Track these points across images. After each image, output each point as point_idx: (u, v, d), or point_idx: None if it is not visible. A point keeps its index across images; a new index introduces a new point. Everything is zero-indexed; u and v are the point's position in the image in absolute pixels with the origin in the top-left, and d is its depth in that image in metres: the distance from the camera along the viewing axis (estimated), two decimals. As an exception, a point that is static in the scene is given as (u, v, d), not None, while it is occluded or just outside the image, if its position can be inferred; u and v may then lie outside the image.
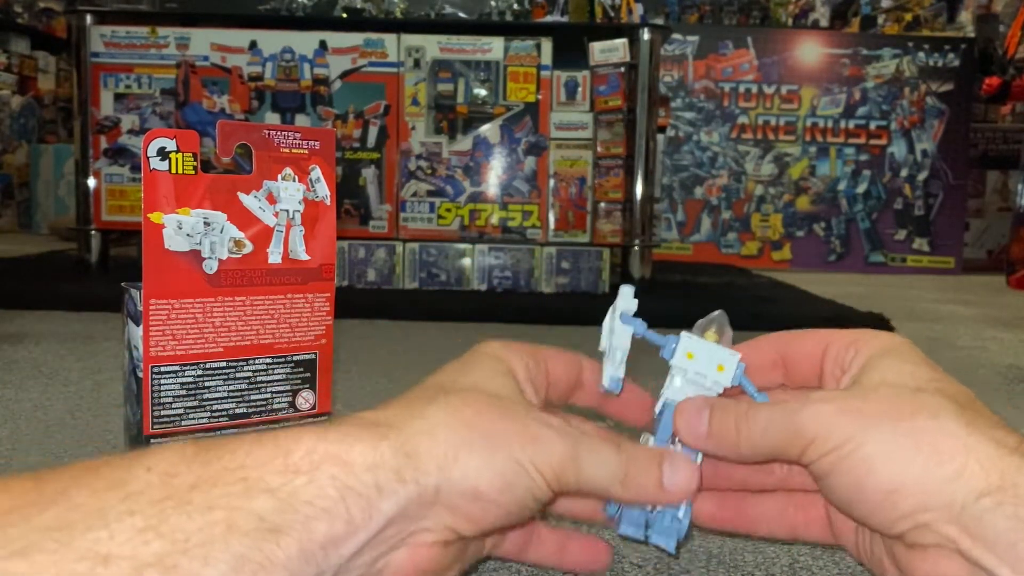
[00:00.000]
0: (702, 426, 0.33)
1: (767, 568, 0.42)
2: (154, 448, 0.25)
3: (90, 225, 1.62)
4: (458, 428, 0.29)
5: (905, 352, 0.32)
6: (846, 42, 2.93)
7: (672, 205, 2.92)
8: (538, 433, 0.30)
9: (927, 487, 0.27)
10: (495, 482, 0.28)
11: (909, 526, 0.28)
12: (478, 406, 0.30)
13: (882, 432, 0.28)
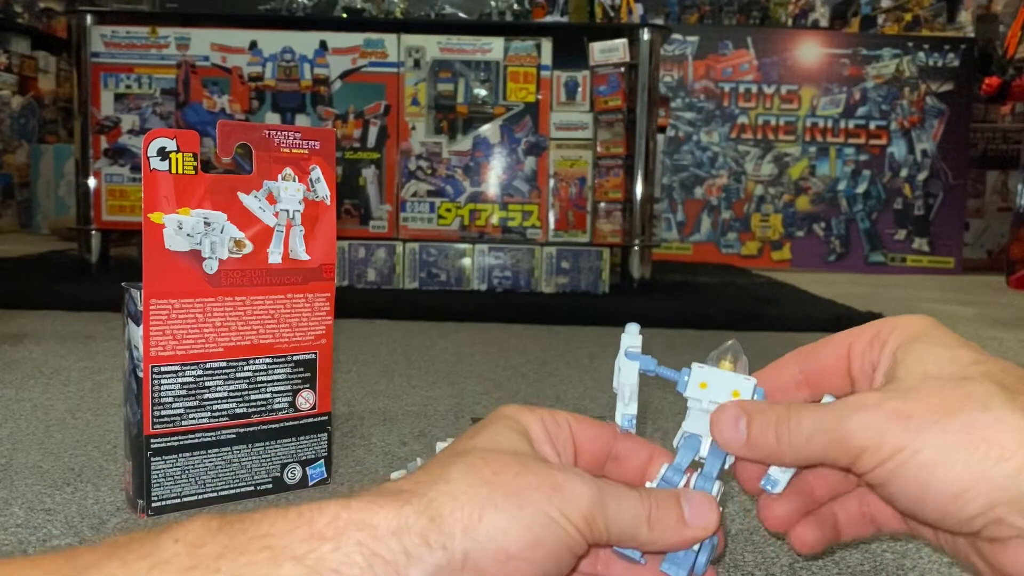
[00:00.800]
0: (739, 434, 0.33)
1: (767, 568, 0.42)
2: (180, 521, 0.26)
3: (90, 225, 1.62)
4: (479, 487, 0.28)
5: (935, 334, 0.31)
6: (846, 42, 2.93)
7: (672, 205, 2.91)
8: (562, 482, 0.29)
9: (992, 484, 0.27)
10: (525, 538, 0.28)
11: (982, 524, 0.28)
12: (496, 464, 0.29)
13: (936, 434, 0.28)
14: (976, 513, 0.28)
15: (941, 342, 0.31)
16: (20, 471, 0.54)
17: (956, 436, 0.27)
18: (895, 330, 0.32)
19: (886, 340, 0.32)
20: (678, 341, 1.14)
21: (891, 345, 0.32)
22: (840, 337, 0.34)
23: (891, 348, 0.32)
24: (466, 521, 0.27)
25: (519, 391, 0.82)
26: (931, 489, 0.28)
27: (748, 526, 0.47)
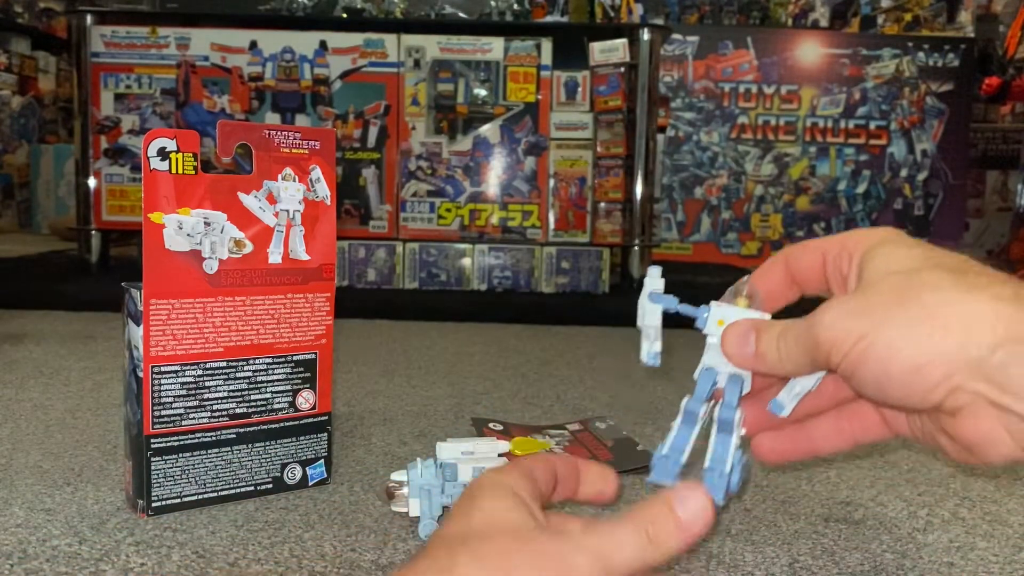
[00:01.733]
0: (749, 347, 0.36)
1: (767, 568, 0.42)
2: None
3: (90, 225, 1.62)
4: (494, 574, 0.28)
5: (895, 238, 0.34)
6: (846, 42, 2.93)
7: (672, 205, 2.91)
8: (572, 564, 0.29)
9: (946, 355, 0.30)
10: None
11: (944, 393, 0.30)
12: (501, 545, 0.29)
13: (892, 318, 0.31)
14: (935, 383, 0.30)
15: (901, 244, 0.34)
16: (20, 471, 0.54)
17: (910, 318, 0.30)
18: (861, 240, 0.35)
19: (853, 250, 0.35)
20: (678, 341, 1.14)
21: (859, 254, 0.35)
22: (815, 244, 0.38)
23: (858, 256, 0.35)
24: None
25: (519, 391, 0.82)
26: (893, 368, 0.31)
27: (748, 526, 0.47)
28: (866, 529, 0.47)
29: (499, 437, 0.60)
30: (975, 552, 0.45)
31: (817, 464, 0.59)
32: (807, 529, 0.47)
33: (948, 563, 0.43)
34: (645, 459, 0.57)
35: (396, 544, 0.43)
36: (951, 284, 0.31)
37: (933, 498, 0.53)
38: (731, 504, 0.51)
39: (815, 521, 0.48)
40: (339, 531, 0.45)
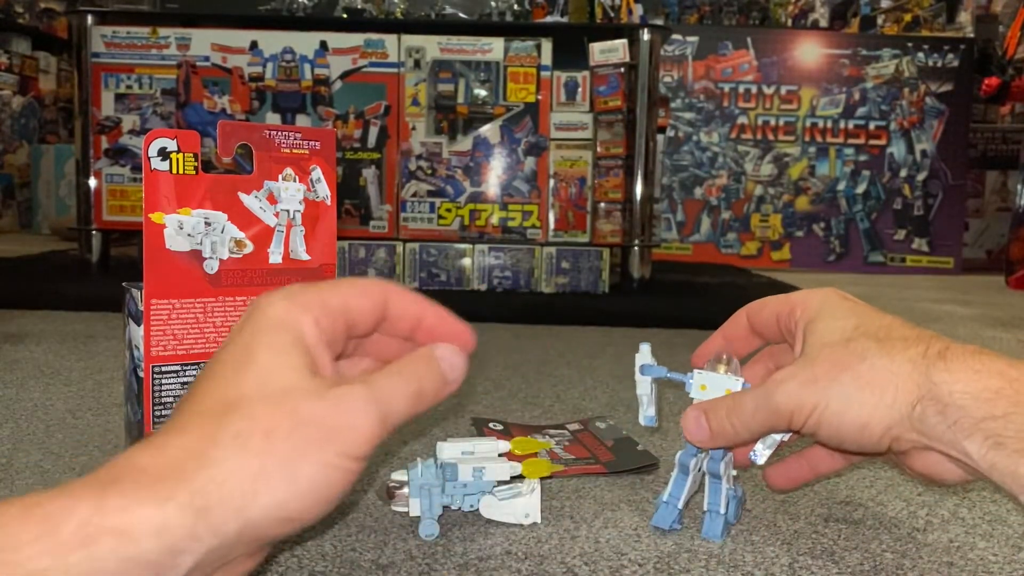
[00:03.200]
0: (703, 430, 0.42)
1: (767, 568, 0.42)
2: None
3: (91, 225, 1.62)
4: (250, 462, 0.26)
5: (832, 308, 0.41)
6: (845, 42, 2.93)
7: (672, 205, 2.91)
8: (337, 421, 0.28)
9: (882, 415, 0.37)
10: (304, 502, 0.27)
11: (888, 442, 0.37)
12: (266, 422, 0.27)
13: (835, 388, 0.37)
14: (879, 436, 0.37)
15: (836, 315, 0.40)
16: (21, 471, 0.55)
17: (849, 386, 0.37)
18: (805, 307, 0.42)
19: (798, 317, 0.42)
20: (678, 341, 1.14)
21: (802, 321, 0.41)
22: (772, 304, 0.44)
23: (802, 323, 0.41)
24: (239, 503, 0.26)
25: (519, 391, 0.82)
26: (844, 428, 0.37)
27: (748, 526, 0.47)
28: (866, 529, 0.47)
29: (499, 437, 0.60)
30: (975, 552, 0.45)
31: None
32: (807, 529, 0.47)
33: (948, 563, 0.43)
34: (645, 459, 0.57)
35: (396, 544, 0.43)
36: (875, 352, 0.37)
37: (933, 498, 0.53)
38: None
39: (815, 521, 0.48)
40: (339, 531, 0.45)
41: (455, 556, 0.42)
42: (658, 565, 0.42)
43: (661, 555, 0.43)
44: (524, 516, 0.46)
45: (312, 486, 0.28)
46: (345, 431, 0.29)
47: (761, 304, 0.45)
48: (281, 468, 0.27)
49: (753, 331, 0.46)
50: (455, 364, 0.35)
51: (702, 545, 0.44)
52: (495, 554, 0.42)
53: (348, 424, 0.29)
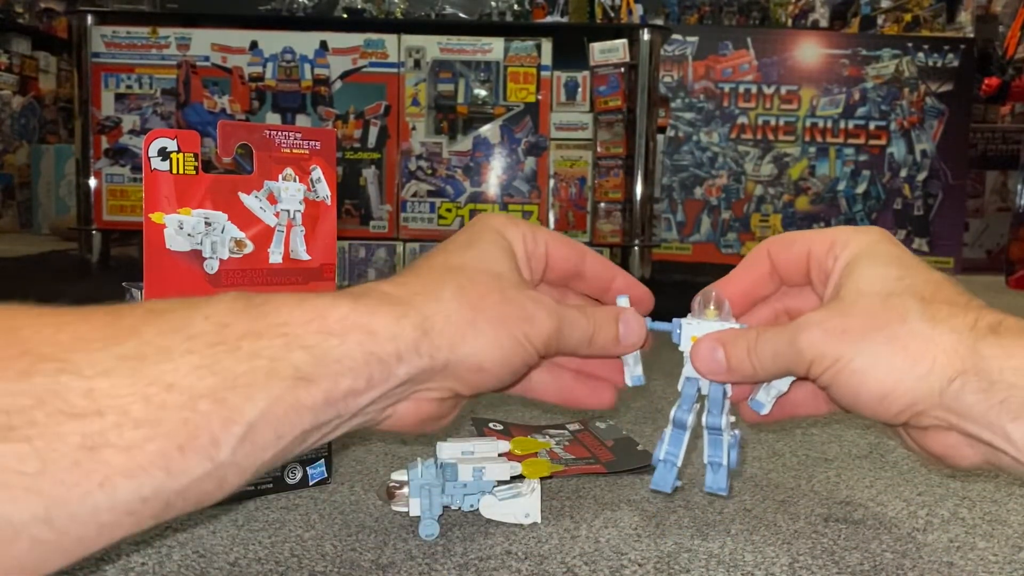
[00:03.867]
0: (719, 363, 0.38)
1: (767, 568, 0.42)
2: (209, 298, 0.30)
3: (91, 225, 1.62)
4: (466, 311, 0.33)
5: (877, 251, 0.37)
6: (845, 42, 2.93)
7: (672, 205, 2.91)
8: (533, 313, 0.35)
9: (909, 386, 0.33)
10: (496, 357, 0.34)
11: (908, 418, 0.34)
12: (482, 288, 0.34)
13: (864, 346, 0.34)
14: (900, 410, 0.34)
15: (880, 260, 0.36)
16: (21, 471, 0.54)
17: (880, 347, 0.33)
18: (847, 246, 0.37)
19: (838, 254, 0.37)
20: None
21: (841, 260, 0.37)
22: (803, 238, 0.40)
23: (841, 263, 0.37)
24: (452, 339, 0.33)
25: (519, 391, 0.82)
26: (862, 393, 0.34)
27: (748, 526, 0.47)
28: (866, 529, 0.47)
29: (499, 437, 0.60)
30: (975, 552, 0.45)
31: (817, 464, 0.59)
32: (807, 529, 0.47)
33: (948, 563, 0.43)
34: (646, 459, 0.57)
35: (396, 544, 0.43)
36: (918, 314, 0.33)
37: (933, 498, 0.53)
38: (732, 492, 0.51)
39: (815, 521, 0.48)
40: (339, 531, 0.45)
41: (455, 556, 0.42)
42: (658, 565, 0.42)
43: (661, 555, 0.43)
44: (524, 516, 0.46)
45: (504, 351, 0.34)
46: (535, 321, 0.35)
47: (789, 239, 0.40)
48: (488, 326, 0.34)
49: (773, 271, 0.41)
50: (632, 329, 0.39)
51: (702, 545, 0.44)
52: (495, 554, 0.42)
53: (537, 317, 0.35)
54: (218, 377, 0.27)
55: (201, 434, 0.26)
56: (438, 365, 0.33)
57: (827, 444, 0.64)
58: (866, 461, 0.60)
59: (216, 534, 0.45)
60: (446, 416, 0.37)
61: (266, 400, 0.28)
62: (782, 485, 0.54)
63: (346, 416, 0.31)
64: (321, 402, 0.29)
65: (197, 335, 0.28)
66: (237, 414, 0.27)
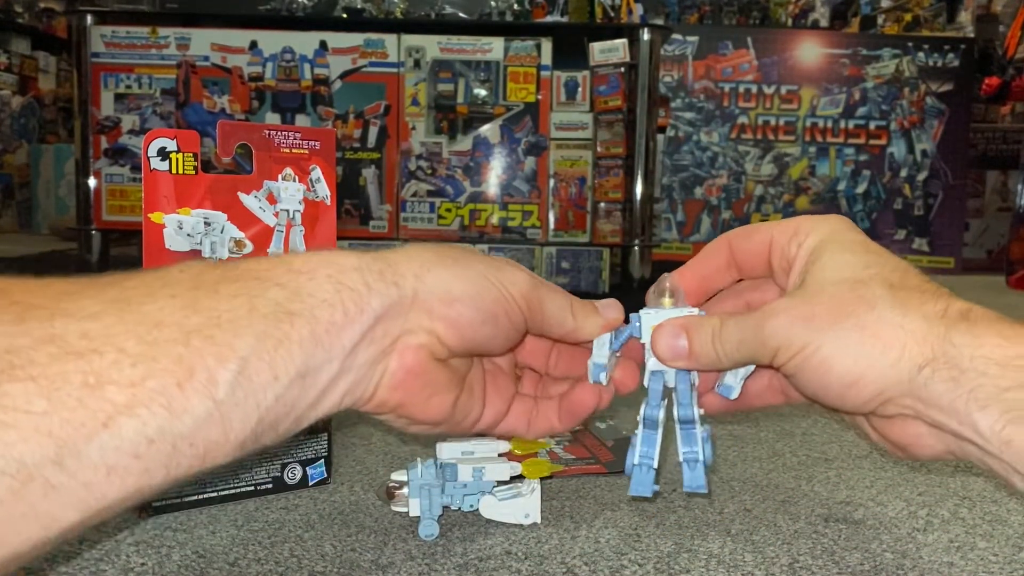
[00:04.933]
0: (681, 348, 0.37)
1: (767, 568, 0.42)
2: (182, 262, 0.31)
3: (91, 225, 1.62)
4: (429, 252, 0.34)
5: (841, 239, 0.35)
6: (846, 42, 2.93)
7: (672, 205, 2.91)
8: (502, 265, 0.36)
9: (878, 373, 0.32)
10: (467, 289, 0.34)
11: (875, 406, 0.33)
12: (445, 248, 0.35)
13: (832, 333, 0.33)
14: (868, 398, 0.33)
15: (846, 247, 0.35)
16: (20, 471, 0.54)
17: (849, 334, 0.32)
18: (810, 234, 0.36)
19: (802, 242, 0.36)
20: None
21: (805, 248, 0.36)
22: (764, 228, 0.39)
23: (805, 251, 0.36)
24: (416, 270, 0.33)
25: (519, 391, 0.81)
26: (829, 381, 0.33)
27: (748, 526, 0.47)
28: (866, 529, 0.47)
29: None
30: (975, 552, 0.45)
31: (817, 464, 0.59)
32: (807, 529, 0.47)
33: (948, 563, 0.43)
34: (645, 459, 0.57)
35: (396, 544, 0.43)
36: (887, 302, 0.32)
37: (933, 498, 0.53)
38: (729, 500, 0.51)
39: (815, 521, 0.48)
40: (339, 531, 0.45)
41: (455, 556, 0.42)
42: (658, 565, 0.42)
43: (661, 555, 0.43)
44: (524, 516, 0.46)
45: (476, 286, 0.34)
46: (505, 270, 0.35)
47: (750, 230, 0.39)
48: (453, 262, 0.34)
49: (733, 262, 0.40)
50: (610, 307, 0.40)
51: (702, 545, 0.44)
52: (495, 554, 0.42)
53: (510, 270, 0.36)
54: (202, 315, 0.27)
55: (197, 371, 0.26)
56: (407, 296, 0.32)
57: (827, 444, 0.64)
58: (866, 461, 0.60)
59: (216, 534, 0.45)
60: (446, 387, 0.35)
61: (253, 335, 0.28)
62: (782, 485, 0.54)
63: (336, 361, 0.30)
64: (307, 336, 0.29)
65: (175, 282, 0.29)
66: (228, 350, 0.27)
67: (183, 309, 0.27)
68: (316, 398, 0.30)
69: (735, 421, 0.69)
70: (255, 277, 0.30)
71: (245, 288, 0.29)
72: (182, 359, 0.26)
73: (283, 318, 0.29)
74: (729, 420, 0.70)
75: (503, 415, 0.40)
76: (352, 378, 0.32)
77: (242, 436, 0.28)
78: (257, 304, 0.28)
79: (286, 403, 0.29)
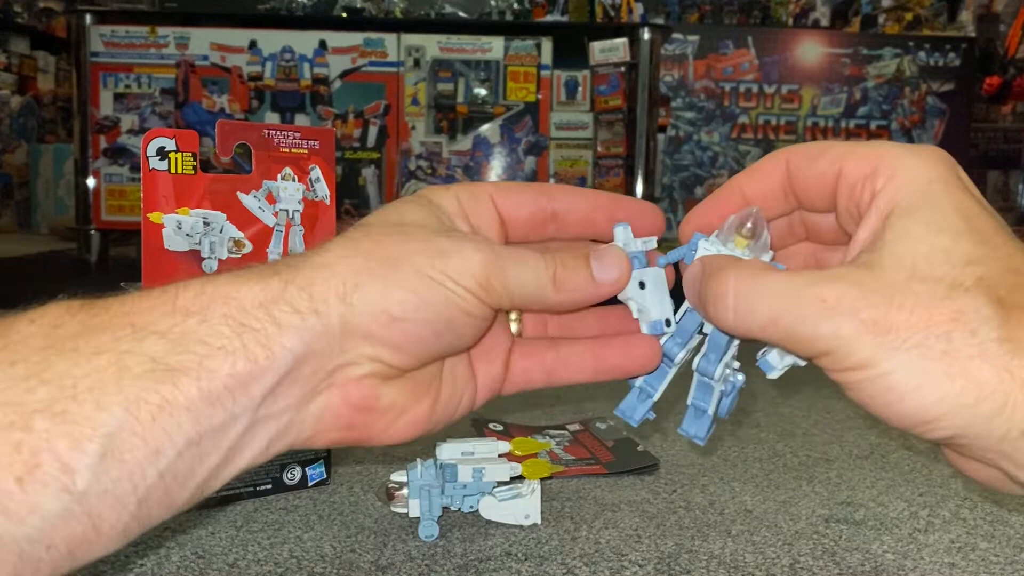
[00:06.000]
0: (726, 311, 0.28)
1: (767, 568, 0.42)
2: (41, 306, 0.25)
3: (90, 225, 1.62)
4: (355, 258, 0.27)
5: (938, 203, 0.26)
6: (846, 42, 2.93)
7: (672, 205, 2.91)
8: (448, 247, 0.28)
9: (964, 422, 0.24)
10: (406, 300, 0.27)
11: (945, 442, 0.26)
12: (378, 236, 0.28)
13: (911, 358, 0.24)
14: (942, 438, 0.26)
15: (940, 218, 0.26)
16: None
17: (933, 365, 0.24)
18: (893, 178, 0.27)
19: (880, 191, 0.27)
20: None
21: (883, 201, 0.27)
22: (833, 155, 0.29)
23: (883, 205, 0.27)
24: (339, 289, 0.26)
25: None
26: (897, 408, 0.25)
27: (748, 527, 0.47)
28: (867, 530, 0.47)
29: (499, 437, 0.60)
30: (976, 552, 0.44)
31: (818, 464, 0.59)
32: (808, 529, 0.47)
33: (949, 563, 0.43)
34: (646, 460, 0.57)
35: (396, 545, 0.43)
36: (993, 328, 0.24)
37: (934, 498, 0.53)
38: (730, 500, 0.51)
39: (816, 521, 0.48)
40: (339, 532, 0.45)
41: (455, 557, 0.42)
42: (658, 566, 0.41)
43: (662, 556, 0.43)
44: (524, 517, 0.46)
45: (417, 293, 0.27)
46: (451, 255, 0.27)
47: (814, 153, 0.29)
48: (383, 266, 0.27)
49: (791, 189, 0.30)
50: (609, 262, 0.30)
51: (703, 546, 0.44)
52: (495, 555, 0.42)
53: (456, 250, 0.28)
54: (51, 386, 0.22)
55: (44, 460, 0.21)
56: (333, 324, 0.26)
57: (828, 445, 0.64)
58: (867, 462, 0.60)
59: (215, 535, 0.45)
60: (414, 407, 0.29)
61: (122, 403, 0.22)
62: (783, 486, 0.54)
63: (245, 416, 0.25)
64: (197, 397, 0.23)
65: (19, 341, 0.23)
66: (87, 427, 0.22)
67: (25, 380, 0.22)
68: (223, 459, 0.25)
69: (736, 422, 0.69)
70: (128, 324, 0.24)
71: (113, 340, 0.23)
72: (21, 447, 0.21)
73: (163, 377, 0.23)
74: (729, 421, 0.70)
75: (502, 377, 0.32)
76: (275, 426, 0.26)
77: (120, 525, 0.23)
78: (127, 362, 0.23)
79: (177, 475, 0.24)
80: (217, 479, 0.25)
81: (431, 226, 0.29)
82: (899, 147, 0.27)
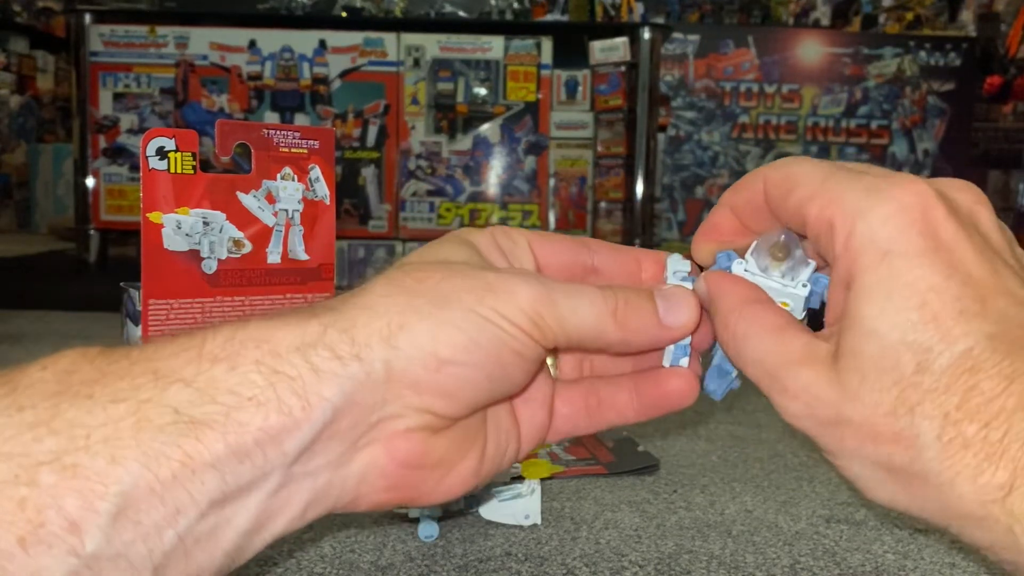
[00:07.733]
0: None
1: (768, 569, 0.42)
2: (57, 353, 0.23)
3: (89, 225, 1.61)
4: (398, 296, 0.24)
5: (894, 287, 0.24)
6: (847, 41, 2.93)
7: (673, 205, 2.91)
8: (495, 281, 0.25)
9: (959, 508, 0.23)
10: (456, 340, 0.24)
11: None
12: (420, 272, 0.25)
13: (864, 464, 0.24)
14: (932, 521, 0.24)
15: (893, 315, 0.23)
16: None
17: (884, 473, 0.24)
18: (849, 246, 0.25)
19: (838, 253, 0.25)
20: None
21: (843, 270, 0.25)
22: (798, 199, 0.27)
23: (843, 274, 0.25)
24: (384, 331, 0.24)
25: (519, 391, 0.81)
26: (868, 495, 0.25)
27: (749, 527, 0.47)
28: (868, 530, 0.47)
29: (499, 437, 0.60)
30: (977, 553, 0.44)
31: (818, 464, 0.59)
32: (808, 530, 0.47)
33: (950, 563, 0.43)
34: (645, 460, 0.57)
35: (395, 545, 0.43)
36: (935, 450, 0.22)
37: (935, 499, 0.53)
38: (730, 501, 0.51)
39: (816, 522, 0.48)
40: (338, 532, 0.45)
41: (455, 558, 0.42)
42: (659, 567, 0.41)
43: (662, 556, 0.43)
44: (524, 517, 0.46)
45: (467, 332, 0.24)
46: (500, 291, 0.25)
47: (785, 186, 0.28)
48: (430, 304, 0.24)
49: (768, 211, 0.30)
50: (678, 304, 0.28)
51: (703, 546, 0.44)
52: (495, 555, 0.42)
53: (504, 287, 0.25)
54: (62, 436, 0.20)
55: (50, 519, 0.19)
56: (377, 371, 0.23)
57: (828, 444, 0.64)
58: (868, 462, 0.60)
59: (214, 536, 0.44)
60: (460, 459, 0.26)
61: (140, 458, 0.20)
62: (783, 486, 0.54)
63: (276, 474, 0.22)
64: (224, 453, 0.21)
65: (29, 386, 0.21)
66: (99, 483, 0.20)
67: (32, 428, 0.20)
68: (252, 523, 0.22)
69: (736, 422, 0.69)
70: (150, 371, 0.22)
71: (132, 388, 0.21)
72: (25, 503, 0.19)
73: (186, 430, 0.21)
74: (730, 421, 0.70)
75: (546, 425, 0.30)
76: (312, 486, 0.24)
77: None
78: (147, 412, 0.21)
79: (200, 540, 0.21)
80: (249, 547, 0.23)
81: (475, 263, 0.27)
82: (861, 193, 0.25)
